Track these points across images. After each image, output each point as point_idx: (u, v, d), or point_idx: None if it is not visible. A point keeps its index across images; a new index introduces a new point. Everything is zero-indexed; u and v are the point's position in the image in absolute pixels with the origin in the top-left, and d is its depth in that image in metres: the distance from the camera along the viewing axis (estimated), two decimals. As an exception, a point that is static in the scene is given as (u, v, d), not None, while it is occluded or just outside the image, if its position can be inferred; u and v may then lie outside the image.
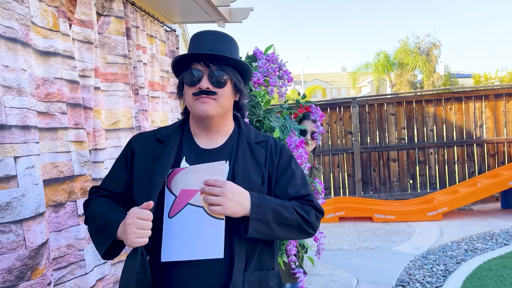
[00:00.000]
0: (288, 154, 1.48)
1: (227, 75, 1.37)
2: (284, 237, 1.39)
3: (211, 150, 1.42)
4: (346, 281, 4.08)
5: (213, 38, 1.40)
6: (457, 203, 6.23)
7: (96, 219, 1.38)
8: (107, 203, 1.43)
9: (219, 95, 1.36)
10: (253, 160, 1.40)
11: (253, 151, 1.42)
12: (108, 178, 1.50)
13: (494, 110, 7.26)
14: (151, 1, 3.97)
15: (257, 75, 2.19)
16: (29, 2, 2.29)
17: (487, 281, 3.79)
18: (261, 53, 2.27)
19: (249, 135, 1.47)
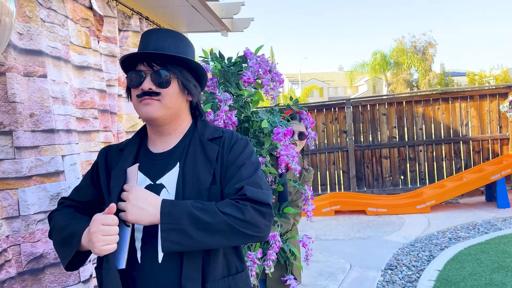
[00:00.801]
0: (240, 145, 1.35)
1: (172, 74, 1.29)
2: (218, 244, 1.19)
3: (162, 153, 1.35)
4: (340, 266, 4.52)
5: (159, 37, 1.32)
6: (444, 196, 6.69)
7: (59, 231, 1.32)
8: (71, 213, 1.37)
9: (163, 96, 1.29)
10: (204, 158, 1.30)
11: (205, 148, 1.32)
12: (75, 189, 1.48)
13: (479, 109, 7.72)
14: (162, 13, 4.39)
15: (247, 74, 2.14)
16: (68, 25, 2.73)
17: (466, 263, 4.24)
18: (252, 53, 2.23)
19: (203, 132, 1.37)
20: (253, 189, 1.23)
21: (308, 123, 2.55)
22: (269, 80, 2.17)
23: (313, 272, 4.36)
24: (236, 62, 2.20)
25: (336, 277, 4.19)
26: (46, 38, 2.47)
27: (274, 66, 2.24)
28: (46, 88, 2.41)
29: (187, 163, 1.30)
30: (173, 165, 1.31)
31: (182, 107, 1.36)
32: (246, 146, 1.36)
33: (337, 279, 4.13)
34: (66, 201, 1.45)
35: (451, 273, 4.02)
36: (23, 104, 2.26)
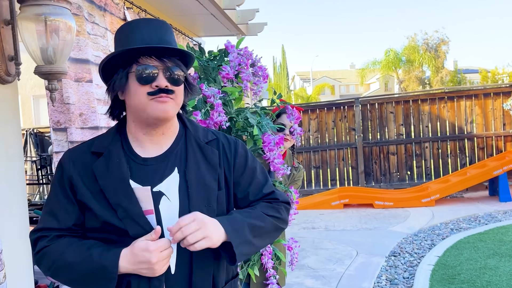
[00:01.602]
0: (243, 149, 1.33)
1: (182, 70, 1.20)
2: (265, 245, 1.29)
3: (155, 158, 1.21)
4: (347, 253, 4.90)
5: (155, 28, 1.18)
6: (448, 190, 7.02)
7: (75, 267, 1.13)
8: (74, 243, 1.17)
9: (176, 95, 1.19)
10: (206, 163, 1.24)
11: (204, 152, 1.25)
12: (50, 216, 1.20)
13: (483, 107, 8.01)
14: (184, 20, 4.79)
15: (227, 69, 1.97)
16: (107, 36, 3.15)
17: (464, 250, 4.59)
18: (233, 46, 2.06)
19: (197, 134, 1.28)
20: (281, 193, 1.35)
21: (293, 118, 2.35)
22: (249, 75, 1.99)
23: (322, 258, 4.74)
24: (215, 56, 2.04)
25: (343, 262, 4.56)
26: (91, 48, 2.89)
27: (258, 60, 2.09)
28: (92, 91, 2.84)
29: (189, 168, 1.21)
30: (171, 170, 1.20)
31: None
32: (245, 148, 1.35)
33: (344, 264, 4.50)
34: (49, 233, 1.19)
35: (450, 258, 4.37)
36: (74, 105, 2.68)
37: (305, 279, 4.12)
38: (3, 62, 1.96)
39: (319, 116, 8.54)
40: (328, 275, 4.17)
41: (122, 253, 1.12)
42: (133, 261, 1.11)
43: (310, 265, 4.52)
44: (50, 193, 1.25)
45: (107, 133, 1.26)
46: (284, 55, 41.54)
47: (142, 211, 1.15)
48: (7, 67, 1.99)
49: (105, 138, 1.24)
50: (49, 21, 1.95)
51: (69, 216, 1.19)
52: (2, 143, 1.98)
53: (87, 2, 2.84)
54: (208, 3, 4.10)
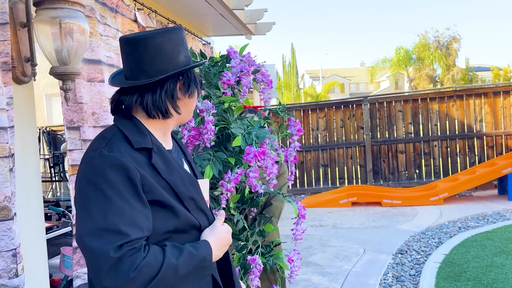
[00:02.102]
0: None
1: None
2: None
3: (170, 150, 1.31)
4: (354, 250, 4.94)
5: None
6: (456, 189, 7.02)
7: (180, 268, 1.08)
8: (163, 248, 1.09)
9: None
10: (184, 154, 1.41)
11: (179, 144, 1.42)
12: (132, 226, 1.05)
13: (493, 106, 7.99)
14: (193, 21, 4.87)
15: (228, 75, 1.96)
16: (118, 37, 3.23)
17: (471, 248, 4.61)
18: (235, 52, 2.06)
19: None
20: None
21: (294, 130, 2.17)
22: (250, 82, 1.97)
23: (329, 255, 4.79)
24: (217, 62, 2.04)
25: (350, 259, 4.61)
26: (103, 49, 2.97)
27: (262, 65, 2.06)
28: (104, 91, 2.92)
29: (191, 160, 1.42)
30: (182, 160, 1.36)
31: None
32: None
33: (351, 261, 4.55)
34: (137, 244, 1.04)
35: (456, 256, 4.39)
36: (87, 105, 2.77)
37: (312, 275, 4.17)
38: (20, 63, 2.05)
39: (327, 115, 8.57)
40: (335, 272, 4.22)
41: (210, 240, 1.18)
42: (220, 244, 1.21)
43: (317, 262, 4.58)
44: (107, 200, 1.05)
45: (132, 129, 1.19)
46: (293, 54, 41.49)
47: (205, 202, 1.28)
48: (24, 68, 2.07)
49: (138, 133, 1.18)
50: (63, 23, 2.03)
51: (149, 221, 1.09)
52: (19, 142, 2.06)
53: (99, 4, 2.92)
54: (217, 3, 4.16)
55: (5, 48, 1.87)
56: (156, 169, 1.14)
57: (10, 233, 1.69)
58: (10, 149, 1.76)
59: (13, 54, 1.98)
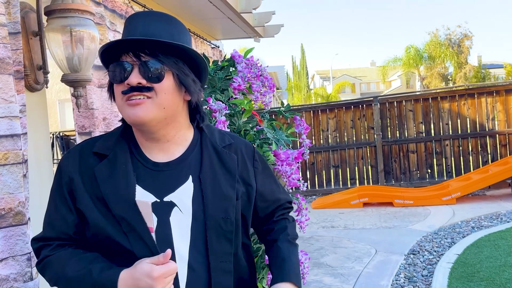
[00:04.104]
0: (261, 155, 1.28)
1: (166, 65, 1.05)
2: None
3: (167, 163, 1.11)
4: (366, 251, 4.93)
5: (147, 21, 1.07)
6: (469, 188, 6.96)
7: (74, 282, 1.05)
8: (76, 255, 1.08)
9: (157, 92, 1.04)
10: (223, 169, 1.14)
11: (221, 157, 1.15)
12: (48, 225, 1.13)
13: (505, 104, 7.90)
14: (201, 24, 4.91)
15: (238, 80, 1.93)
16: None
17: (484, 248, 4.57)
18: (240, 56, 2.02)
19: (213, 137, 1.18)
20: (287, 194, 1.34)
21: (302, 129, 2.27)
22: (260, 85, 2.01)
23: (341, 256, 4.79)
24: (223, 66, 2.02)
25: (362, 260, 4.60)
26: (113, 55, 3.01)
27: (264, 70, 2.06)
28: (114, 96, 2.96)
29: (204, 176, 1.10)
30: (185, 179, 1.10)
31: (179, 108, 1.11)
32: (259, 153, 1.30)
33: (363, 262, 4.54)
34: (50, 243, 1.12)
35: (469, 256, 4.36)
36: (98, 110, 2.82)
37: (324, 276, 4.18)
38: (32, 71, 2.10)
39: (337, 115, 8.55)
40: (346, 273, 4.22)
41: (122, 274, 1.01)
42: (133, 284, 0.98)
43: (328, 263, 4.58)
44: (49, 199, 1.16)
45: (112, 133, 1.16)
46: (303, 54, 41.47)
47: (147, 227, 1.04)
48: (36, 75, 2.12)
49: (110, 138, 1.14)
50: (74, 32, 2.08)
51: (68, 226, 1.10)
52: (32, 147, 2.11)
53: (109, 11, 2.97)
54: (225, 7, 4.19)
55: (18, 57, 1.92)
56: (95, 177, 1.08)
57: (24, 238, 1.73)
58: (23, 155, 1.80)
59: (26, 63, 2.03)
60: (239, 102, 1.94)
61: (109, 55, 1.08)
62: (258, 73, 2.02)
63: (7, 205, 1.71)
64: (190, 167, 1.12)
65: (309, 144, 2.27)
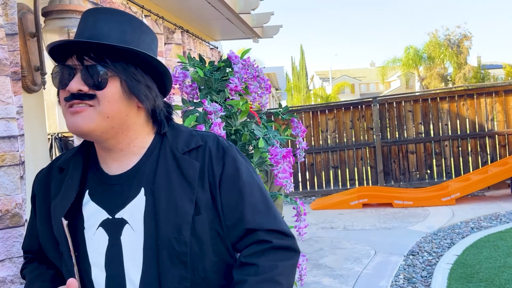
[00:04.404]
0: (233, 159, 1.03)
1: (111, 70, 0.94)
2: None
3: (119, 176, 1.01)
4: (365, 252, 4.92)
5: (98, 19, 0.97)
6: (468, 189, 6.96)
7: None
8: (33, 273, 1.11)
9: (99, 99, 0.94)
10: (181, 179, 0.98)
11: (180, 165, 0.99)
12: (24, 237, 1.19)
13: (504, 104, 7.90)
14: (200, 25, 4.91)
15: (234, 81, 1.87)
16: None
17: (483, 249, 4.56)
18: (237, 57, 1.98)
19: (175, 143, 1.03)
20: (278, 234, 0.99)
21: (299, 131, 2.21)
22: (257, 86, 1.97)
23: (340, 257, 4.78)
24: (219, 67, 1.98)
25: (361, 261, 4.60)
26: (111, 56, 3.01)
27: (261, 71, 2.02)
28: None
29: (157, 188, 0.97)
30: (136, 192, 0.99)
31: (130, 116, 0.99)
32: (240, 155, 1.05)
33: (362, 263, 4.54)
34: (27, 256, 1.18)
35: (469, 257, 4.35)
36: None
37: (323, 278, 4.17)
38: (30, 72, 2.09)
39: (336, 116, 8.55)
40: (345, 274, 4.21)
41: None
42: None
43: (327, 264, 4.57)
44: None
45: (77, 146, 1.10)
46: (302, 55, 41.49)
47: (69, 249, 0.98)
48: (33, 77, 2.12)
49: (73, 149, 1.09)
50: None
51: (35, 241, 1.11)
52: (30, 148, 2.10)
53: (106, 12, 2.96)
54: (223, 8, 4.19)
55: (15, 58, 1.91)
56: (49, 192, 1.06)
57: (21, 240, 1.72)
58: (20, 157, 1.79)
59: (23, 64, 2.02)
60: (235, 103, 1.88)
61: (61, 55, 0.99)
62: (255, 74, 1.96)
63: (4, 207, 1.70)
64: (142, 179, 1.00)
65: (306, 147, 2.21)
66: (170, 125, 1.07)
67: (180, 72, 1.89)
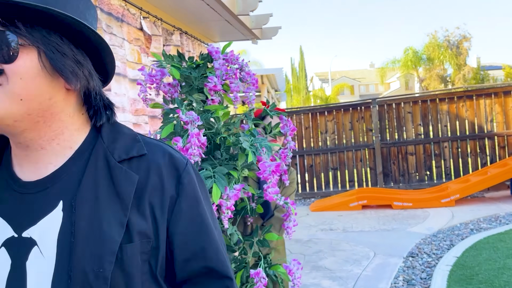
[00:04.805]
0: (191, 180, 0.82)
1: (26, 38, 0.71)
2: None
3: (36, 183, 0.77)
4: (364, 254, 4.91)
5: None
6: (468, 190, 6.95)
7: None
8: None
9: (8, 76, 0.71)
10: (113, 194, 0.76)
11: (113, 176, 0.77)
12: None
13: (503, 106, 7.90)
14: (199, 27, 4.90)
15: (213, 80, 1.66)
16: (124, 46, 3.26)
17: (483, 251, 4.55)
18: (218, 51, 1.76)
19: (112, 147, 0.80)
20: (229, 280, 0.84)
21: (288, 130, 2.03)
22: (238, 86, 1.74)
23: (339, 259, 4.77)
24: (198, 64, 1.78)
25: (360, 263, 4.58)
26: (109, 58, 3.01)
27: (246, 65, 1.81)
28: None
29: (80, 203, 0.75)
30: (52, 206, 0.75)
31: (55, 100, 0.76)
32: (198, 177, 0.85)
33: (362, 264, 4.52)
34: None
35: (468, 259, 4.34)
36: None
37: (322, 280, 4.16)
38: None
39: (336, 117, 8.55)
40: (345, 276, 4.20)
41: None
42: None
43: (327, 266, 4.56)
44: None
45: None
46: (302, 56, 41.50)
47: None
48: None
49: None
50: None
51: None
52: None
53: (105, 14, 2.96)
54: (222, 10, 4.19)
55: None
56: None
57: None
58: None
59: None
60: (214, 109, 1.67)
61: None
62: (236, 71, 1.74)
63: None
64: (63, 189, 0.76)
65: (293, 147, 2.02)
66: (110, 123, 0.83)
67: (157, 70, 1.68)
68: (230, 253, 1.77)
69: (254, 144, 1.64)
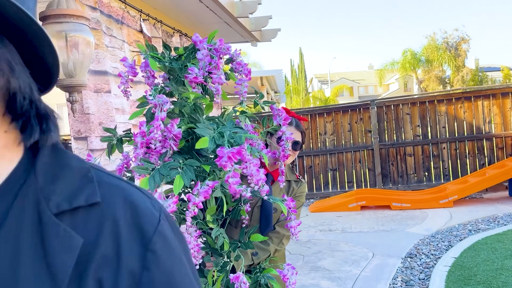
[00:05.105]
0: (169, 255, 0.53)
1: None
2: None
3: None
4: (363, 255, 4.93)
5: None
6: (466, 191, 6.97)
7: None
8: None
9: None
10: (40, 266, 0.48)
11: (45, 237, 0.49)
12: None
13: (501, 107, 7.93)
14: (198, 29, 4.93)
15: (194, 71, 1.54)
16: (124, 48, 3.29)
17: (481, 251, 4.57)
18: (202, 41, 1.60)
19: (49, 190, 0.51)
20: None
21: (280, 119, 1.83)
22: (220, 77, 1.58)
23: (338, 259, 4.79)
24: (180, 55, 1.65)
25: (359, 263, 4.60)
26: (109, 60, 3.03)
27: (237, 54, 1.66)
28: (110, 101, 2.97)
29: None
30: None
31: None
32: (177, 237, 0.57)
33: (360, 265, 4.54)
34: None
35: (466, 260, 4.36)
36: (94, 115, 2.82)
37: (321, 280, 4.18)
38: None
39: (335, 119, 8.57)
40: (343, 277, 4.22)
41: None
42: None
43: (326, 266, 4.58)
44: None
45: None
46: (301, 58, 41.52)
47: None
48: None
49: None
50: (69, 37, 2.09)
51: None
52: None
53: (105, 16, 2.98)
54: (221, 12, 4.21)
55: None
56: None
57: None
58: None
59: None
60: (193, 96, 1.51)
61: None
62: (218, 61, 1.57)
63: None
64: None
65: (290, 138, 1.81)
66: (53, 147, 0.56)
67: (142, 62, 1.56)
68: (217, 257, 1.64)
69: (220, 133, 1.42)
